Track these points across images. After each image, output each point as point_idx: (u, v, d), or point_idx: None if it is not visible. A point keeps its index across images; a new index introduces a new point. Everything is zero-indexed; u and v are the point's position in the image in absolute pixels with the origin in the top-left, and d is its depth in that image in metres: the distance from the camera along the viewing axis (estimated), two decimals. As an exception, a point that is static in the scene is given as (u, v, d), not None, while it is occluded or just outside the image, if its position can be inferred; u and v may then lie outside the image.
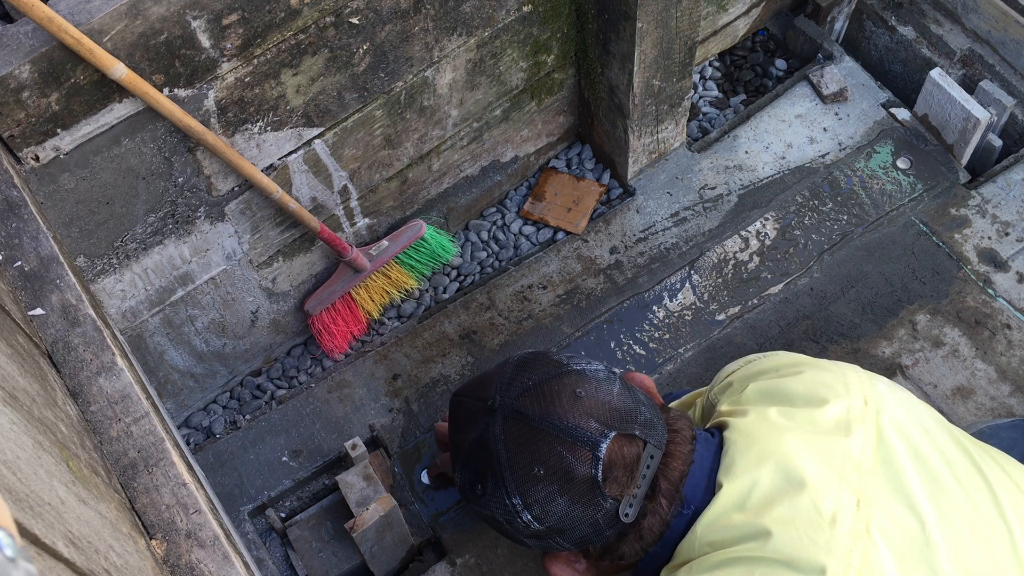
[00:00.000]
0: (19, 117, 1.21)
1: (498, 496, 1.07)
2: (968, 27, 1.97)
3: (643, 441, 1.06)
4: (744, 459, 1.05)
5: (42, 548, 0.57)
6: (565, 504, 1.04)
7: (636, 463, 1.05)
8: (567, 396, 1.06)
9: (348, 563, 1.60)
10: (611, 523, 1.06)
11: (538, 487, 1.04)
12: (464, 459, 1.11)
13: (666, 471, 1.07)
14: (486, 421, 1.09)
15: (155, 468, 0.91)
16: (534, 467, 1.04)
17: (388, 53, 1.53)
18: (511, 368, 1.12)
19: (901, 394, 1.13)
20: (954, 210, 1.87)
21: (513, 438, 1.06)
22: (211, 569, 0.85)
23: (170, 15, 1.25)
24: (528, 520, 1.06)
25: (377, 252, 1.81)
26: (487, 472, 1.07)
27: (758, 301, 1.81)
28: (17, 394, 0.75)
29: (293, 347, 1.91)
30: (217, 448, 1.73)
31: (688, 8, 1.65)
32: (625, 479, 1.05)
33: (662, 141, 1.94)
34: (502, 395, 1.09)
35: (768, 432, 1.07)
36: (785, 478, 1.01)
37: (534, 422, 1.05)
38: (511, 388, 1.09)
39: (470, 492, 1.11)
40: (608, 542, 1.08)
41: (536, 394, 1.07)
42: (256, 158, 1.51)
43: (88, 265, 1.44)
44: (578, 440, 1.03)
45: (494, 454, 1.06)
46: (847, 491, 1.00)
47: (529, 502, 1.05)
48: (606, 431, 1.04)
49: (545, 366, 1.11)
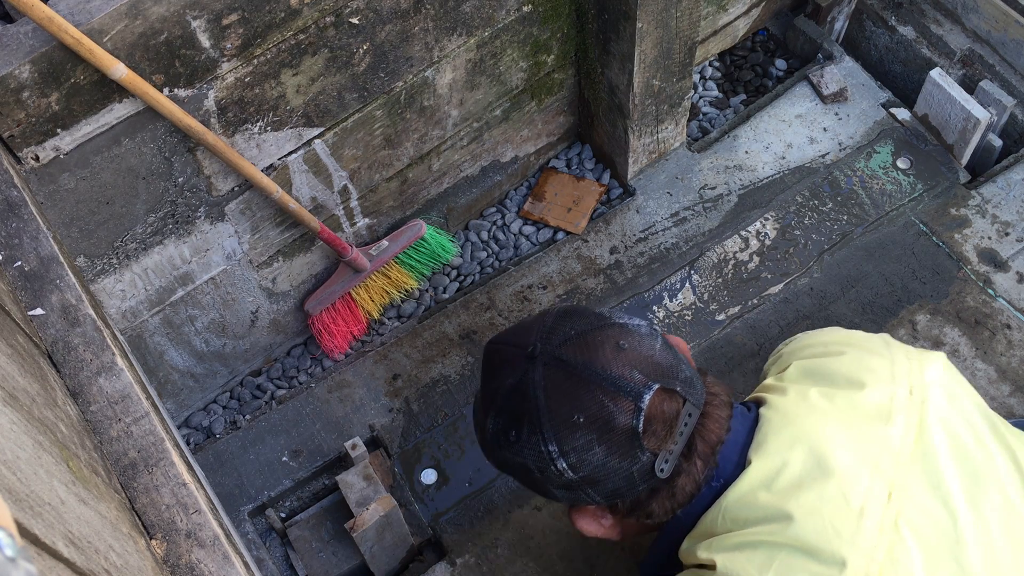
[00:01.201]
0: (19, 117, 1.21)
1: (533, 443, 1.04)
2: (968, 27, 1.97)
3: (683, 398, 1.04)
4: (777, 439, 1.04)
5: (42, 548, 0.57)
6: (602, 454, 1.02)
7: (675, 419, 1.03)
8: (610, 347, 1.04)
9: (348, 563, 1.60)
10: (645, 477, 1.04)
11: (576, 435, 1.02)
12: (499, 405, 1.08)
13: (703, 432, 1.06)
14: (525, 367, 1.06)
15: (155, 468, 0.91)
16: (574, 414, 1.02)
17: (388, 53, 1.53)
18: (552, 318, 1.10)
19: (951, 382, 1.11)
20: (954, 210, 1.87)
21: (553, 385, 1.03)
22: (211, 569, 0.85)
23: (170, 15, 1.25)
24: (562, 468, 1.04)
25: (377, 252, 1.81)
26: (523, 418, 1.05)
27: (758, 301, 1.81)
28: (17, 394, 0.75)
29: (293, 347, 1.91)
30: (217, 448, 1.73)
31: (688, 8, 1.65)
32: (663, 434, 1.03)
33: (662, 141, 1.94)
34: (543, 343, 1.06)
35: (805, 414, 1.06)
36: (816, 464, 1.01)
37: (576, 370, 1.03)
38: (553, 336, 1.06)
39: (503, 439, 1.08)
40: (638, 498, 1.07)
41: (579, 343, 1.05)
42: (256, 158, 1.51)
43: (88, 265, 1.44)
44: (621, 390, 1.01)
45: (532, 400, 1.04)
46: (880, 482, 0.99)
47: (566, 450, 1.02)
48: (649, 383, 1.02)
49: (587, 317, 1.09)
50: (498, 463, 1.15)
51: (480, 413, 1.14)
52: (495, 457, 1.13)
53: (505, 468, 1.14)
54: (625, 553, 1.57)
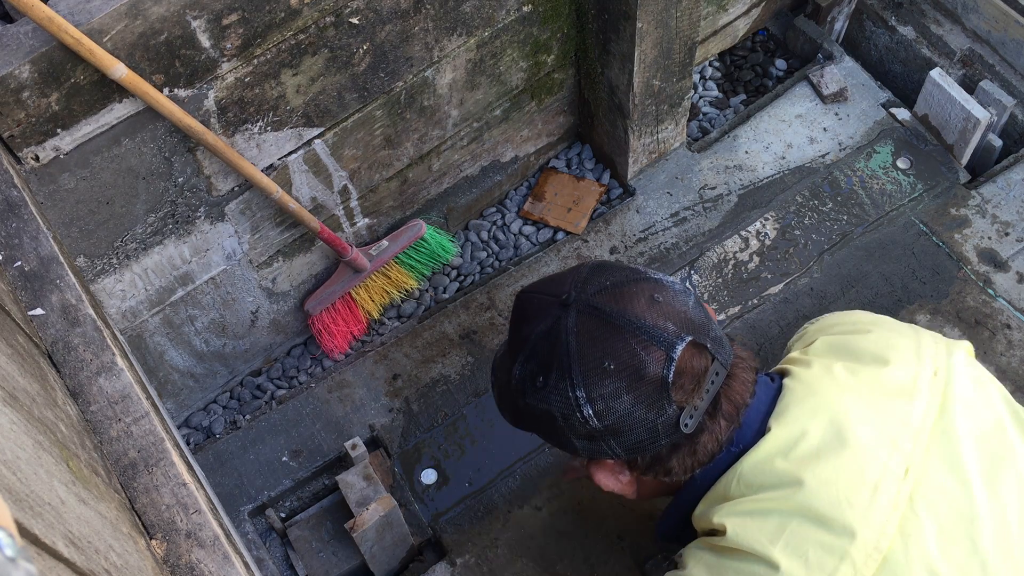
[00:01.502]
0: (19, 117, 1.21)
1: (561, 388, 1.04)
2: (968, 27, 1.97)
3: (712, 356, 1.05)
4: (798, 408, 1.05)
5: (42, 548, 0.57)
6: (629, 402, 1.02)
7: (703, 375, 1.04)
8: (645, 298, 1.05)
9: (348, 563, 1.60)
10: (669, 431, 1.04)
11: (605, 381, 1.02)
12: (529, 351, 1.08)
13: (729, 392, 1.07)
14: (558, 314, 1.06)
15: (155, 468, 0.91)
16: (604, 361, 1.02)
17: (388, 53, 1.53)
18: (587, 270, 1.10)
19: (977, 371, 1.12)
20: (954, 210, 1.87)
21: (586, 331, 1.04)
22: (211, 569, 0.85)
23: (170, 15, 1.25)
24: (588, 415, 1.03)
25: (377, 252, 1.81)
26: (552, 363, 1.05)
27: (758, 301, 1.81)
28: (17, 394, 0.75)
29: (293, 347, 1.91)
30: (217, 448, 1.73)
31: (688, 8, 1.65)
32: (691, 388, 1.03)
33: (662, 141, 1.94)
34: (578, 291, 1.06)
35: (829, 386, 1.07)
36: (835, 435, 1.01)
37: (610, 318, 1.03)
38: (588, 285, 1.07)
39: (529, 384, 1.08)
40: (659, 453, 1.07)
41: (614, 293, 1.05)
42: (256, 158, 1.51)
43: (88, 265, 1.44)
44: (653, 339, 1.02)
45: (564, 345, 1.04)
46: (897, 458, 1.00)
47: (593, 396, 1.03)
48: (682, 334, 1.02)
49: (622, 270, 1.10)
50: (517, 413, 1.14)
51: (506, 359, 1.13)
52: (516, 406, 1.13)
53: (525, 418, 1.13)
54: (626, 553, 1.57)
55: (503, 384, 1.16)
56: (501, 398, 1.19)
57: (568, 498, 1.64)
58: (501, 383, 1.17)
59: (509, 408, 1.17)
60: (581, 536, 1.60)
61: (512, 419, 1.18)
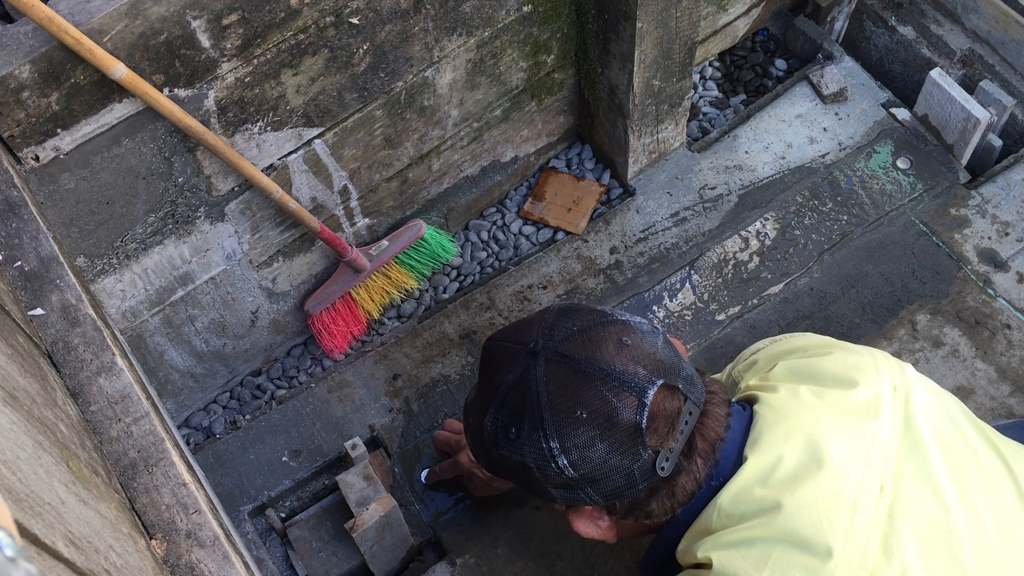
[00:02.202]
0: (19, 117, 1.21)
1: (534, 439, 1.03)
2: (968, 27, 1.97)
3: (684, 396, 1.04)
4: (772, 434, 1.05)
5: (42, 548, 0.57)
6: (604, 450, 1.01)
7: (676, 417, 1.03)
8: (613, 343, 1.04)
9: (348, 563, 1.60)
10: (646, 476, 1.04)
11: (579, 431, 1.01)
12: (499, 402, 1.07)
13: (703, 430, 1.06)
14: (527, 363, 1.05)
15: (155, 468, 0.91)
16: (576, 410, 1.01)
17: (388, 53, 1.53)
18: (553, 315, 1.09)
19: (929, 383, 1.13)
20: (954, 210, 1.87)
21: (556, 381, 1.03)
22: (211, 569, 0.85)
23: (170, 15, 1.25)
24: (563, 466, 1.03)
25: (377, 252, 1.81)
26: (524, 415, 1.04)
27: (758, 301, 1.81)
28: (17, 394, 0.75)
29: (293, 347, 1.91)
30: (217, 448, 1.73)
31: (688, 8, 1.65)
32: (665, 431, 1.03)
33: (662, 141, 1.94)
34: (545, 338, 1.06)
35: (798, 409, 1.06)
36: (811, 457, 1.01)
37: (579, 365, 1.02)
38: (555, 332, 1.06)
39: (502, 436, 1.07)
40: (637, 498, 1.06)
41: (581, 339, 1.05)
42: (256, 158, 1.51)
43: (88, 265, 1.44)
44: (624, 385, 1.01)
45: (534, 396, 1.03)
46: (872, 475, 1.00)
47: (568, 446, 1.02)
48: (653, 378, 1.02)
49: (589, 314, 1.09)
50: (492, 463, 1.14)
51: (476, 411, 1.13)
52: (490, 456, 1.12)
53: (500, 468, 1.13)
54: (625, 553, 1.57)
55: (475, 433, 1.14)
56: (474, 445, 1.17)
57: (568, 498, 1.64)
58: (473, 431, 1.15)
59: (483, 457, 1.16)
60: (581, 536, 1.60)
61: (488, 467, 1.17)
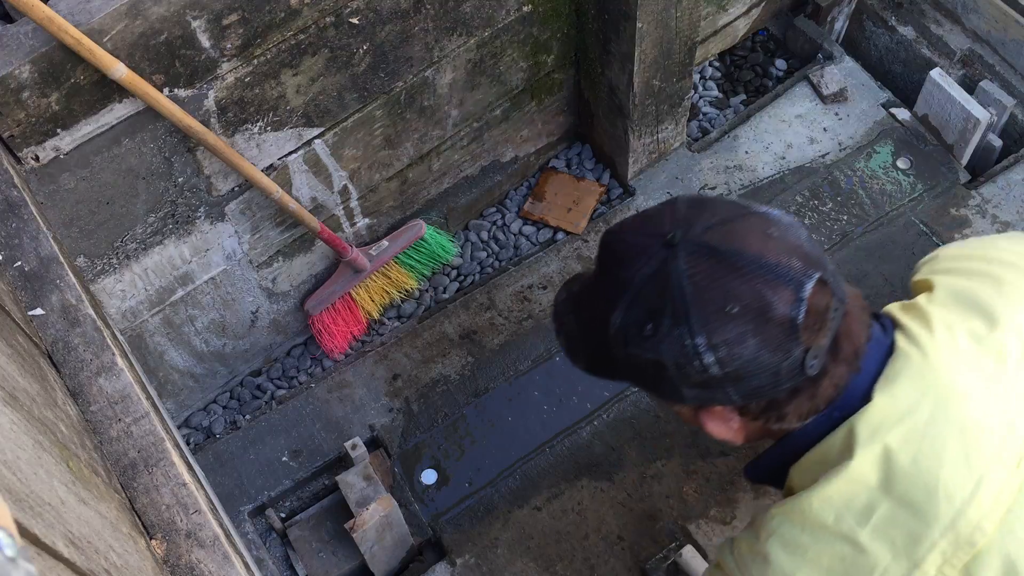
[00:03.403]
0: (19, 117, 1.21)
1: (675, 336, 0.95)
2: (968, 27, 1.97)
3: (832, 292, 0.97)
4: (909, 382, 0.98)
5: (42, 548, 0.57)
6: (754, 347, 0.94)
7: (825, 313, 0.96)
8: (759, 234, 0.96)
9: (348, 563, 1.60)
10: (791, 375, 0.96)
11: (729, 326, 0.94)
12: (631, 297, 0.98)
13: (848, 332, 0.99)
14: (664, 256, 0.97)
15: (155, 468, 0.91)
16: (727, 304, 0.93)
17: (388, 53, 1.53)
18: (684, 206, 1.01)
19: None
20: (954, 210, 1.87)
21: (701, 274, 0.95)
22: (211, 569, 0.85)
23: (170, 15, 1.25)
24: (707, 363, 0.95)
25: (377, 252, 1.81)
26: (664, 310, 0.96)
27: (758, 301, 1.81)
28: (17, 394, 0.75)
29: (293, 347, 1.91)
30: (217, 448, 1.73)
31: (688, 8, 1.65)
32: (816, 328, 0.95)
33: (662, 141, 1.94)
34: (683, 230, 0.97)
35: (947, 359, 0.99)
36: (945, 418, 0.95)
37: (727, 257, 0.95)
38: (694, 224, 0.98)
39: (634, 333, 0.98)
40: (777, 398, 0.99)
41: (724, 231, 0.97)
42: (256, 158, 1.51)
43: (88, 265, 1.44)
44: (780, 278, 0.94)
45: (676, 290, 0.95)
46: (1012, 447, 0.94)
47: (715, 343, 0.94)
48: (809, 271, 0.94)
49: (725, 205, 1.01)
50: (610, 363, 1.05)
51: (598, 305, 1.03)
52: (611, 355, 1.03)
53: (622, 368, 1.04)
54: (625, 553, 1.57)
55: (590, 332, 1.05)
56: (583, 345, 1.09)
57: (568, 498, 1.64)
58: (585, 331, 1.07)
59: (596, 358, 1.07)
60: (581, 536, 1.60)
61: (595, 368, 1.08)
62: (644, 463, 1.66)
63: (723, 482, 1.63)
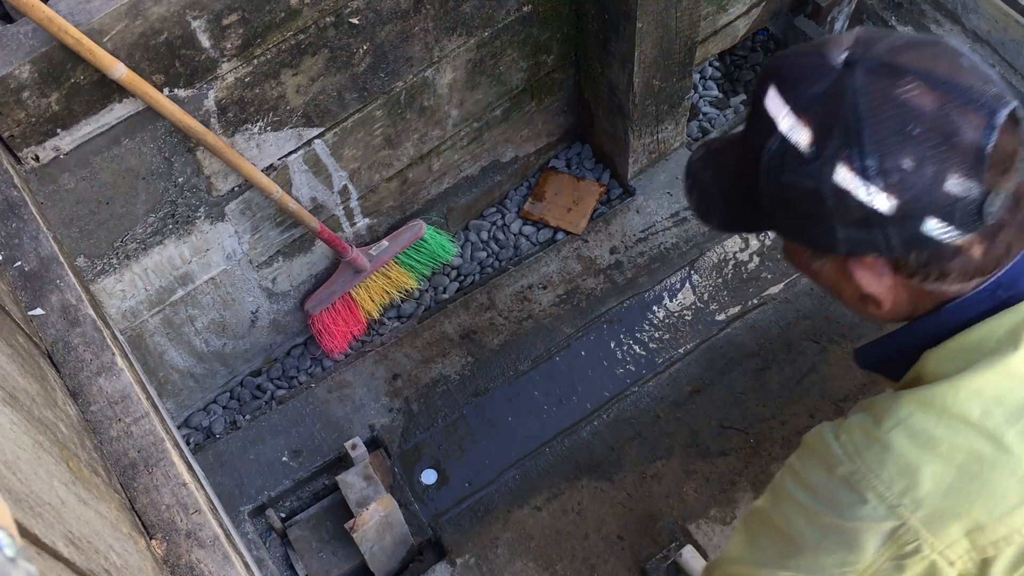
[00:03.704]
0: (19, 117, 1.21)
1: (842, 158, 0.84)
2: (968, 27, 1.97)
3: (1022, 138, 0.85)
4: None
5: (42, 548, 0.57)
6: (931, 176, 0.83)
7: (1014, 156, 0.85)
8: (949, 60, 0.86)
9: (348, 563, 1.60)
10: (965, 220, 0.84)
11: (906, 148, 0.83)
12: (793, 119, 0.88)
13: None
14: (839, 74, 0.86)
15: (155, 468, 0.91)
16: (907, 124, 0.83)
17: (388, 53, 1.53)
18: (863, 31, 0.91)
19: None
20: (954, 210, 1.87)
21: (881, 92, 0.84)
22: (211, 569, 0.85)
23: (170, 15, 1.25)
24: (873, 192, 0.84)
25: (377, 252, 1.81)
26: (832, 128, 0.85)
27: (758, 301, 1.81)
28: (17, 394, 0.75)
29: (293, 347, 1.91)
30: (217, 448, 1.73)
31: (688, 8, 1.65)
32: (1002, 168, 0.84)
33: (662, 141, 1.94)
34: (864, 50, 0.87)
35: None
36: None
37: (915, 76, 0.84)
38: (875, 45, 0.87)
39: (791, 158, 0.87)
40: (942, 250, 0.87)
41: (912, 51, 0.86)
42: (256, 158, 1.51)
43: (88, 265, 1.44)
44: (971, 102, 0.83)
45: (851, 107, 0.84)
46: None
47: (887, 167, 0.83)
48: (1005, 98, 0.84)
49: (910, 35, 0.90)
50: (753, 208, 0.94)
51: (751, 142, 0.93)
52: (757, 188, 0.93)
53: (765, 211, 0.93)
54: (625, 553, 1.57)
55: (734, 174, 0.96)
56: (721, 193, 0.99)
57: (568, 498, 1.64)
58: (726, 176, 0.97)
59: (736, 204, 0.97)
60: (581, 536, 1.60)
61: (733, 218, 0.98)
62: (644, 463, 1.66)
63: (723, 482, 1.63)
